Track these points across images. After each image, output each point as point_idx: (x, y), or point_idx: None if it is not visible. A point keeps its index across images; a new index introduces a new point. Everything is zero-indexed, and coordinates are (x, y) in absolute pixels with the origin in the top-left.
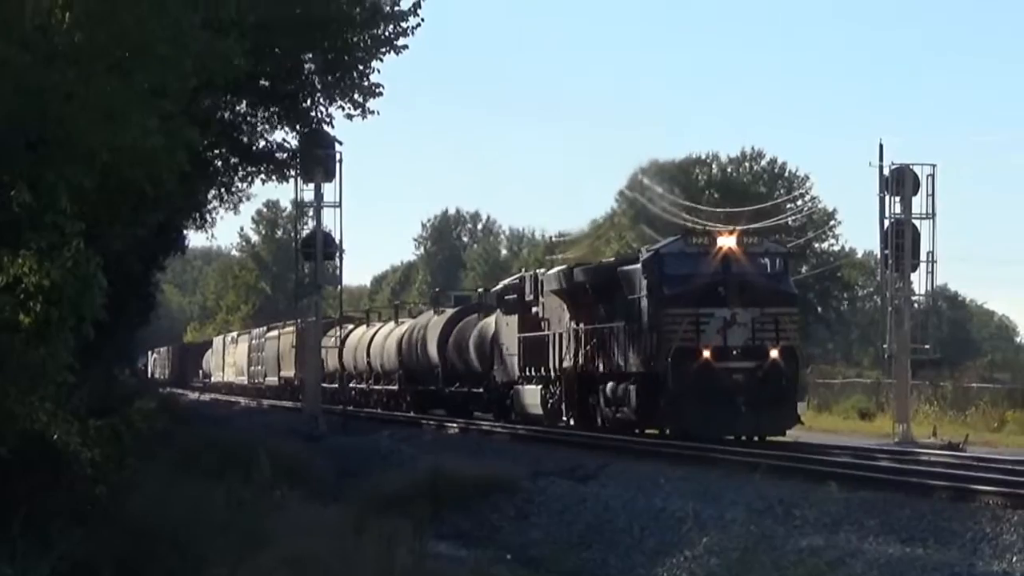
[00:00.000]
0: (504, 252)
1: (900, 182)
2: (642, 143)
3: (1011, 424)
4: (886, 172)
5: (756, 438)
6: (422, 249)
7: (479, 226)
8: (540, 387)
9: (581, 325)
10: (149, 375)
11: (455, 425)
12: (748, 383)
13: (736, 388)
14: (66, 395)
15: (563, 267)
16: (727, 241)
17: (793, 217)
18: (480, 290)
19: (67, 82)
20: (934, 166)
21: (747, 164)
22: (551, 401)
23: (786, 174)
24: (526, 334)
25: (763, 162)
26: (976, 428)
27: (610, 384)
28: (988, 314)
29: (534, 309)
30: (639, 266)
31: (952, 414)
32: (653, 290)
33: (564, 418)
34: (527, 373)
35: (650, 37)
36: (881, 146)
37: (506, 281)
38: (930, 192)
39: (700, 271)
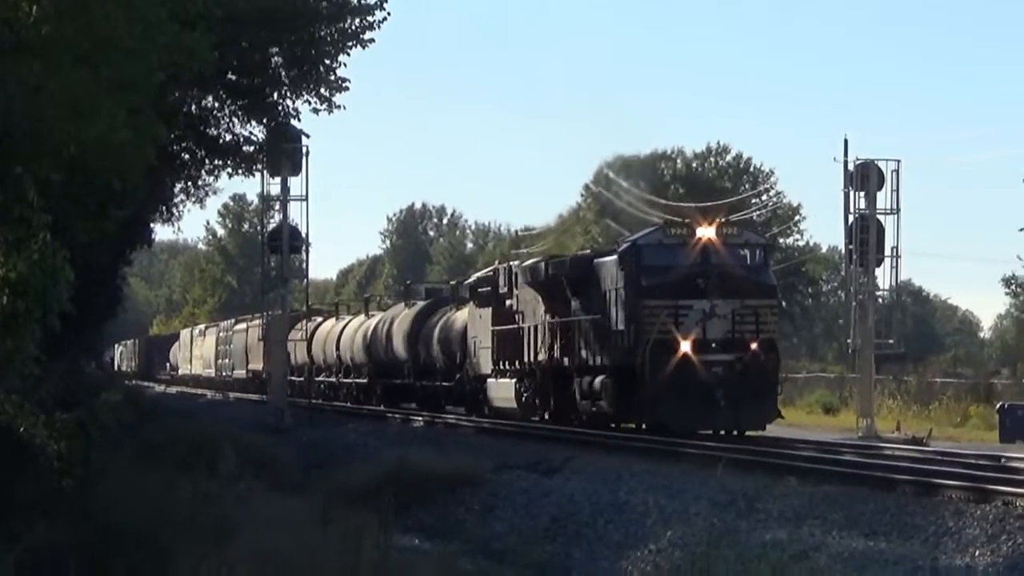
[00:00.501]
0: (470, 246)
1: (865, 177)
2: (608, 137)
3: (974, 419)
4: (851, 167)
5: (735, 432)
6: (388, 243)
7: (445, 220)
8: (514, 381)
9: (556, 318)
10: (116, 368)
11: (421, 419)
12: (727, 376)
13: (715, 381)
14: (32, 388)
15: (538, 259)
16: (706, 232)
17: (758, 212)
18: (452, 283)
19: (34, 75)
20: (898, 162)
21: (712, 159)
22: (526, 395)
23: (751, 169)
24: (499, 327)
25: (728, 157)
26: (939, 423)
27: (586, 378)
28: (952, 309)
29: (508, 302)
30: (616, 258)
31: (916, 409)
32: (630, 282)
33: (539, 412)
34: (500, 367)
35: (616, 32)
36: (846, 141)
37: (479, 273)
38: (894, 188)
39: (679, 262)
